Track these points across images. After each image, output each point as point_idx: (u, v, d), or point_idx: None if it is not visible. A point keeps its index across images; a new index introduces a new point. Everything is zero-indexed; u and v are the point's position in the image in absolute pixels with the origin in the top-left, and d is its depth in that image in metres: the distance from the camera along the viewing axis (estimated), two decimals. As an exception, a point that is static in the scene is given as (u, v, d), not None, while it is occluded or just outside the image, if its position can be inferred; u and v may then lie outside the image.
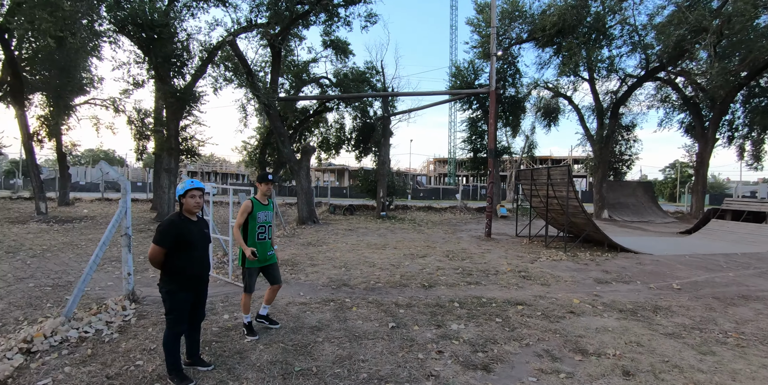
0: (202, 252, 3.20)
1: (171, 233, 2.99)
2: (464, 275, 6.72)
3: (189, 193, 3.11)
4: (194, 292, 3.16)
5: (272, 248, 4.05)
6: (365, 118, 19.82)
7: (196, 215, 3.23)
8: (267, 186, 3.96)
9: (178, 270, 3.04)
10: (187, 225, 3.10)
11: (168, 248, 3.00)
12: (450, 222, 16.37)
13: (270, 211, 4.02)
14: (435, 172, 64.98)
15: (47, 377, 3.25)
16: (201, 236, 3.19)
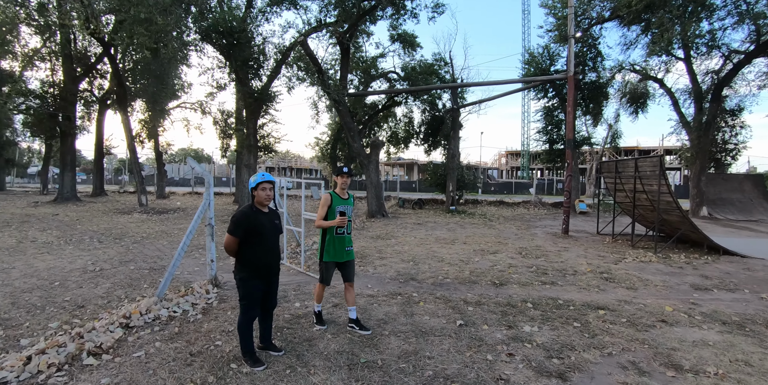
0: (272, 242, 3.29)
1: (243, 223, 3.12)
2: (538, 274, 6.31)
3: (260, 186, 3.21)
4: (265, 280, 3.27)
5: (351, 243, 3.96)
6: (434, 111, 19.53)
7: (267, 207, 3.33)
8: (343, 179, 3.90)
9: (249, 259, 3.18)
10: (258, 216, 3.21)
11: (240, 238, 3.14)
12: (523, 217, 15.58)
13: (350, 205, 3.95)
14: (507, 165, 62.36)
15: (141, 350, 3.61)
16: (271, 227, 3.29)
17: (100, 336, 3.88)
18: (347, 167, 3.97)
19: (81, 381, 3.06)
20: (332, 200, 3.84)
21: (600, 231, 11.46)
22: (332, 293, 5.31)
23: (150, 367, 3.24)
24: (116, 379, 3.06)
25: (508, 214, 17.10)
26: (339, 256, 3.85)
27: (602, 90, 17.99)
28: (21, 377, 3.14)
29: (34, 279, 6.16)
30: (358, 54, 17.60)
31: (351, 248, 3.94)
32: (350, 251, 3.93)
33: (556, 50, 17.76)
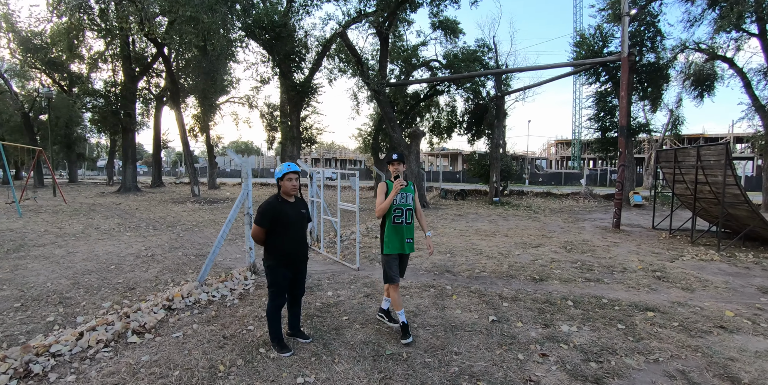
0: (298, 231, 3.32)
1: (268, 214, 3.16)
2: (583, 270, 5.93)
3: (286, 176, 3.22)
4: (292, 267, 3.31)
5: (412, 234, 3.62)
6: (477, 100, 18.92)
7: (293, 197, 3.34)
8: (395, 166, 3.63)
9: (276, 247, 3.23)
10: (284, 207, 3.23)
11: (267, 228, 3.18)
12: (571, 210, 14.80)
13: (409, 192, 3.66)
14: (557, 155, 59.57)
15: (180, 331, 3.82)
16: (298, 217, 3.29)
17: (145, 316, 4.14)
18: (398, 153, 3.69)
19: (124, 357, 3.28)
20: (388, 188, 3.58)
21: (656, 226, 10.63)
22: (365, 282, 5.30)
23: (186, 347, 3.42)
24: (155, 357, 3.25)
25: (555, 206, 16.32)
26: (400, 247, 3.57)
27: (662, 72, 16.47)
28: (73, 351, 3.43)
29: (94, 262, 6.68)
30: (399, 43, 17.36)
31: (411, 239, 3.63)
32: (410, 243, 3.62)
33: (610, 30, 16.45)
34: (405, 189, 3.61)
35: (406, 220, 3.58)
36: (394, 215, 3.56)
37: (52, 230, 9.75)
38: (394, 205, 3.55)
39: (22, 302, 4.77)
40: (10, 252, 7.40)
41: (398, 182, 3.45)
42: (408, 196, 3.61)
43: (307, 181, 7.72)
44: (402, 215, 3.57)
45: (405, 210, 3.57)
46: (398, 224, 3.56)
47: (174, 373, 2.97)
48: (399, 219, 3.56)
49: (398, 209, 3.57)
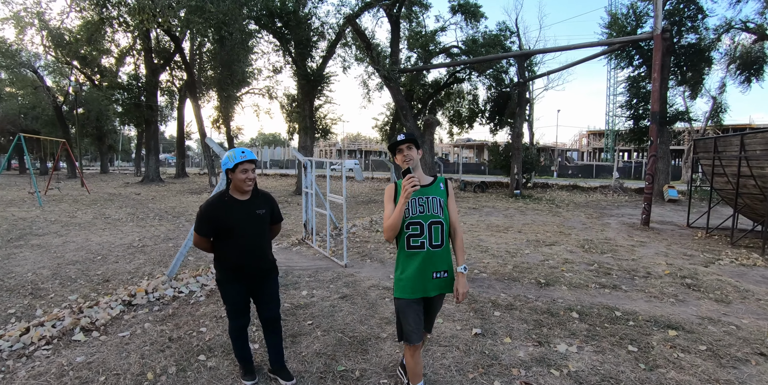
0: (254, 239, 2.53)
1: (206, 218, 2.45)
2: (598, 274, 5.21)
3: (239, 167, 2.42)
4: (247, 285, 2.58)
5: (446, 264, 2.21)
6: (500, 87, 17.94)
7: (249, 193, 2.55)
8: (401, 155, 2.21)
9: (224, 258, 2.55)
10: (231, 208, 2.48)
11: (209, 235, 2.51)
12: (597, 204, 13.76)
13: (435, 195, 2.20)
14: (589, 146, 56.94)
15: (129, 330, 3.53)
16: (252, 220, 2.51)
17: (99, 312, 3.86)
18: (405, 133, 2.49)
19: (61, 356, 3.07)
20: (397, 191, 2.21)
21: (691, 223, 9.57)
22: (347, 281, 4.82)
23: (126, 349, 3.18)
24: (91, 358, 3.04)
25: (581, 200, 15.25)
26: (422, 287, 2.18)
27: (703, 54, 14.90)
28: (14, 347, 3.24)
29: (84, 252, 6.52)
30: (417, 29, 16.59)
31: (445, 272, 2.20)
32: (443, 278, 2.20)
33: (644, 9, 15.03)
34: (424, 190, 2.20)
35: (430, 241, 2.15)
36: (409, 235, 2.15)
37: (62, 220, 9.80)
38: (407, 218, 2.14)
39: (-6, 292, 4.60)
40: (12, 240, 7.38)
41: (408, 181, 2.00)
42: (433, 201, 2.18)
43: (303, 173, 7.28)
44: (422, 234, 2.14)
45: (428, 225, 2.14)
46: (416, 248, 2.15)
47: (100, 378, 2.72)
48: (417, 241, 2.15)
49: (415, 225, 2.14)
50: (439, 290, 2.22)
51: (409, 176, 2.03)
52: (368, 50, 12.39)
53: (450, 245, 2.27)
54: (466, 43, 16.04)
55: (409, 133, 2.61)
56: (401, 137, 2.24)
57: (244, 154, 2.44)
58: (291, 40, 13.13)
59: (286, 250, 6.78)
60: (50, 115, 27.89)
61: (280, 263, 5.89)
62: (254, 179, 2.49)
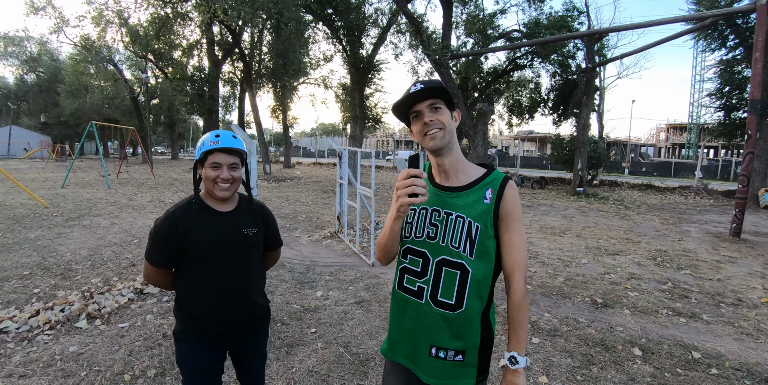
0: (232, 271, 1.59)
1: (161, 235, 1.53)
2: (672, 296, 4.26)
3: (209, 159, 1.51)
4: (218, 347, 1.64)
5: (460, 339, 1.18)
6: (565, 74, 16.37)
7: (233, 202, 1.65)
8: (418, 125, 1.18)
9: (185, 303, 1.61)
10: (199, 220, 1.56)
11: (166, 265, 1.57)
12: (675, 208, 12.06)
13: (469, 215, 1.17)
14: (667, 141, 51.47)
15: (129, 321, 3.44)
16: (231, 241, 1.59)
17: (108, 300, 3.78)
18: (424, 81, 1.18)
19: (58, 344, 3.03)
20: None
21: (800, 235, 7.91)
22: (369, 283, 4.34)
23: (119, 342, 3.05)
24: (83, 349, 2.96)
25: (655, 201, 13.50)
26: (406, 350, 1.26)
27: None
28: (20, 329, 3.23)
29: (123, 235, 6.68)
30: (475, 12, 15.52)
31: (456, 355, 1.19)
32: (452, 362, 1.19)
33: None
34: (446, 198, 1.22)
35: (434, 293, 1.19)
36: (404, 268, 1.27)
37: (120, 202, 10.35)
38: (405, 239, 1.26)
39: (32, 270, 4.76)
40: (69, 220, 7.81)
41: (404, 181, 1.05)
42: (456, 222, 1.18)
43: (335, 163, 6.90)
44: (424, 275, 1.22)
45: (435, 264, 1.19)
46: (408, 293, 1.25)
47: (82, 373, 2.61)
48: (413, 283, 1.24)
49: (415, 256, 1.24)
50: (442, 377, 1.19)
51: (409, 172, 1.05)
52: (418, 34, 11.68)
53: (477, 309, 1.18)
54: (528, 25, 14.69)
55: (430, 80, 1.21)
56: (417, 88, 1.15)
57: (218, 140, 1.50)
58: (341, 28, 12.79)
59: (316, 243, 6.47)
60: (128, 105, 30.31)
61: (304, 257, 5.59)
62: (234, 182, 1.55)
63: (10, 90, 41.48)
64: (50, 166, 23.91)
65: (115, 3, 21.98)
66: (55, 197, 10.81)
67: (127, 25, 22.30)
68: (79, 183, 14.49)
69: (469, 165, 1.25)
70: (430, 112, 1.16)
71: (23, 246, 5.79)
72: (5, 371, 2.61)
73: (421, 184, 1.03)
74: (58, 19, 23.18)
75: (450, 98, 1.19)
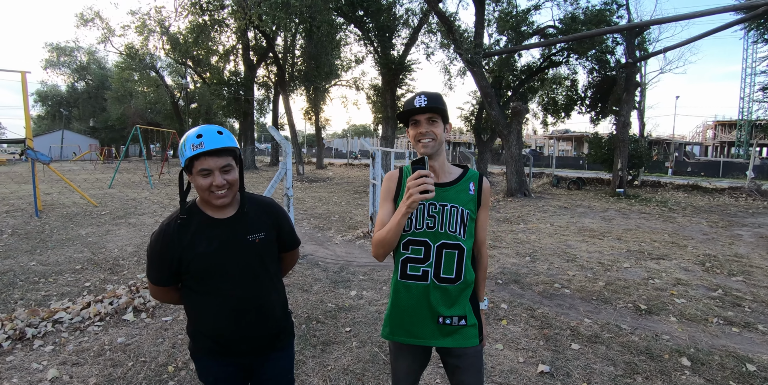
0: (240, 286, 1.43)
1: (157, 252, 1.39)
2: (724, 304, 4.01)
3: (196, 163, 1.31)
4: (234, 360, 1.48)
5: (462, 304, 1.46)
6: (604, 70, 15.74)
7: (233, 207, 1.46)
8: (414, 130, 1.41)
9: (196, 319, 1.48)
10: (197, 232, 1.40)
11: (168, 282, 1.44)
12: (725, 210, 11.34)
13: (460, 204, 1.44)
14: (715, 139, 48.51)
15: (172, 315, 3.61)
16: (236, 252, 1.42)
17: (153, 293, 3.95)
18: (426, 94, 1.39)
19: (107, 334, 3.19)
20: (399, 184, 1.50)
21: None
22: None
23: (163, 335, 3.19)
24: (130, 340, 3.10)
25: (703, 203, 12.74)
26: (418, 330, 1.46)
27: None
28: (74, 320, 3.44)
29: (166, 234, 6.99)
30: (508, 9, 15.20)
31: (460, 320, 1.45)
32: (458, 326, 1.45)
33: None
34: (440, 193, 1.42)
35: (437, 272, 1.43)
36: (406, 259, 1.44)
37: (163, 201, 10.85)
38: (406, 232, 1.43)
39: (83, 265, 5.06)
40: (116, 218, 8.27)
41: (417, 181, 1.22)
42: (451, 212, 1.43)
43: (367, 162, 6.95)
44: (426, 260, 1.43)
45: (436, 248, 1.42)
46: (413, 279, 1.44)
47: (129, 363, 2.74)
48: (417, 269, 1.43)
49: (417, 246, 1.43)
50: (452, 341, 1.43)
51: (420, 173, 1.22)
52: (450, 33, 11.56)
53: (470, 278, 1.46)
54: (564, 21, 14.21)
55: (433, 94, 1.39)
56: (420, 102, 1.36)
57: (201, 141, 1.29)
58: (372, 29, 12.86)
59: (349, 243, 6.53)
60: (169, 109, 31.77)
61: (338, 257, 5.66)
62: (232, 186, 1.37)
63: (62, 97, 44.44)
64: (99, 168, 25.41)
65: (156, 13, 23.07)
66: (103, 196, 11.47)
67: (167, 33, 23.35)
68: (125, 183, 15.31)
69: (450, 166, 1.52)
70: (427, 124, 1.39)
71: (75, 242, 6.18)
72: (60, 358, 2.78)
73: (431, 182, 1.23)
74: (105, 30, 24.62)
75: (444, 112, 1.41)
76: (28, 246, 5.88)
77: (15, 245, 5.91)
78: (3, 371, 2.60)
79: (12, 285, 4.25)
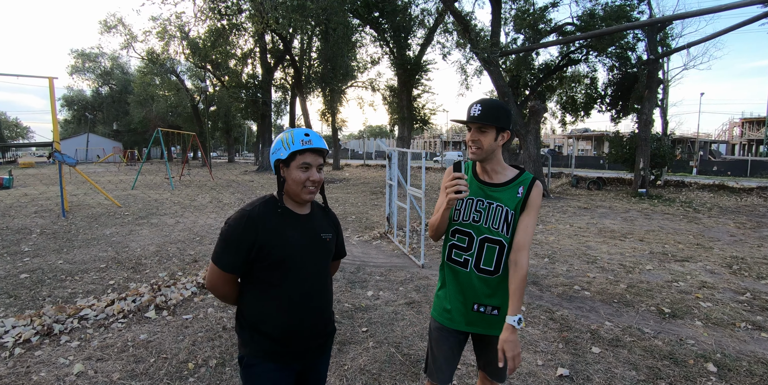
0: (313, 280, 1.46)
1: (238, 235, 1.36)
2: (752, 308, 3.86)
3: (299, 158, 1.37)
4: (293, 365, 1.46)
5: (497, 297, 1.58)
6: (624, 68, 15.40)
7: (308, 205, 1.52)
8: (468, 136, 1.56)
9: (258, 317, 1.43)
10: (285, 224, 1.42)
11: (237, 272, 1.41)
12: (753, 211, 10.93)
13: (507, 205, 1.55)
14: (742, 137, 46.83)
15: (192, 313, 3.65)
16: (313, 247, 1.47)
17: (174, 292, 4.05)
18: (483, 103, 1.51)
19: (130, 331, 3.27)
20: None
21: None
22: (420, 285, 4.33)
23: (184, 333, 3.25)
24: (152, 337, 3.18)
25: (729, 204, 12.31)
26: (460, 316, 1.61)
27: None
28: (98, 317, 3.55)
29: (187, 233, 7.14)
30: (525, 7, 15.02)
31: (494, 310, 1.58)
32: (492, 315, 1.58)
33: None
34: (490, 191, 1.57)
35: (477, 262, 1.57)
36: (452, 245, 1.62)
37: (183, 202, 11.09)
38: (454, 222, 1.60)
39: (108, 264, 5.21)
40: (139, 219, 8.49)
41: (452, 182, 1.43)
42: (497, 210, 1.54)
43: (386, 164, 6.95)
44: (469, 249, 1.58)
45: (479, 241, 1.56)
46: (456, 264, 1.61)
47: (151, 360, 2.80)
48: (460, 256, 1.60)
49: (462, 235, 1.59)
50: (486, 328, 1.58)
51: (454, 175, 1.42)
52: (466, 32, 11.50)
53: (507, 273, 1.54)
54: (582, 18, 13.96)
55: (489, 103, 1.50)
56: (474, 111, 1.48)
57: (309, 139, 1.38)
58: (388, 30, 12.88)
59: (366, 243, 6.55)
60: (189, 112, 32.47)
61: (354, 257, 5.69)
62: (320, 183, 1.44)
63: (87, 102, 45.95)
64: (122, 170, 26.15)
65: (177, 18, 23.63)
66: (126, 197, 11.80)
67: (187, 38, 23.89)
68: (147, 185, 15.70)
69: (507, 168, 1.61)
70: (476, 133, 1.51)
71: (100, 242, 6.37)
72: (85, 354, 2.87)
73: (464, 184, 1.42)
74: (127, 36, 25.36)
75: (500, 122, 1.48)
76: (55, 245, 6.09)
77: (43, 244, 6.13)
78: (32, 365, 2.70)
79: (40, 283, 4.41)
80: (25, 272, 4.75)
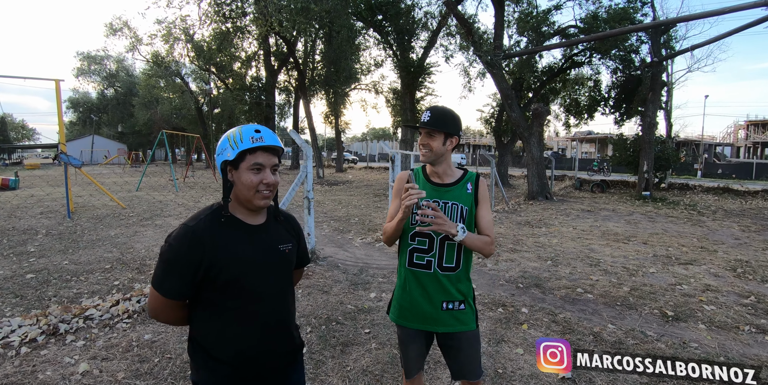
0: (271, 298, 1.31)
1: (180, 257, 1.17)
2: (756, 312, 3.84)
3: (248, 158, 1.21)
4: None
5: (460, 289, 1.67)
6: (628, 70, 15.39)
7: (264, 213, 1.34)
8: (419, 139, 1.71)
9: (211, 342, 1.26)
10: (231, 237, 1.24)
11: (184, 295, 1.22)
12: (758, 214, 10.87)
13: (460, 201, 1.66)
14: (747, 140, 46.56)
15: None
16: (269, 259, 1.30)
17: (178, 293, 4.06)
18: (432, 109, 1.64)
19: (135, 331, 3.29)
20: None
21: None
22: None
23: (187, 333, 3.14)
24: (157, 337, 3.19)
25: (734, 206, 12.25)
26: (426, 316, 1.66)
27: None
28: (103, 317, 3.57)
29: (190, 236, 7.18)
30: (528, 10, 15.05)
31: (460, 304, 1.66)
32: (459, 311, 1.66)
33: None
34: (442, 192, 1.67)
35: (440, 262, 1.63)
36: (413, 249, 1.67)
37: (187, 204, 11.15)
38: (412, 226, 1.64)
39: (112, 264, 5.24)
40: (144, 220, 8.54)
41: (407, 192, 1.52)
42: (452, 209, 1.65)
43: (387, 166, 6.97)
44: (430, 250, 1.64)
45: (439, 240, 1.62)
46: (419, 267, 1.66)
47: (155, 359, 2.82)
48: (422, 258, 1.65)
49: (422, 237, 1.64)
50: (455, 325, 1.65)
51: (407, 187, 1.52)
52: (469, 35, 11.54)
53: (468, 267, 1.72)
54: (586, 20, 13.97)
55: (439, 111, 1.62)
56: (424, 117, 1.62)
57: (260, 135, 1.21)
58: (391, 33, 12.94)
59: (368, 245, 6.57)
60: (193, 114, 32.67)
61: (358, 259, 5.70)
62: (275, 186, 1.25)
63: (92, 104, 46.29)
64: (127, 171, 26.32)
65: (181, 21, 23.81)
66: (131, 199, 11.87)
67: (192, 41, 24.04)
68: (151, 186, 15.79)
69: (454, 169, 1.73)
70: (426, 137, 1.63)
71: (105, 243, 6.41)
72: (90, 353, 2.89)
73: (414, 193, 1.49)
74: (132, 39, 25.54)
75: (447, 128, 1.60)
76: (61, 246, 6.14)
77: (49, 245, 6.18)
78: (38, 364, 2.72)
79: (46, 283, 4.45)
80: (31, 272, 4.79)
